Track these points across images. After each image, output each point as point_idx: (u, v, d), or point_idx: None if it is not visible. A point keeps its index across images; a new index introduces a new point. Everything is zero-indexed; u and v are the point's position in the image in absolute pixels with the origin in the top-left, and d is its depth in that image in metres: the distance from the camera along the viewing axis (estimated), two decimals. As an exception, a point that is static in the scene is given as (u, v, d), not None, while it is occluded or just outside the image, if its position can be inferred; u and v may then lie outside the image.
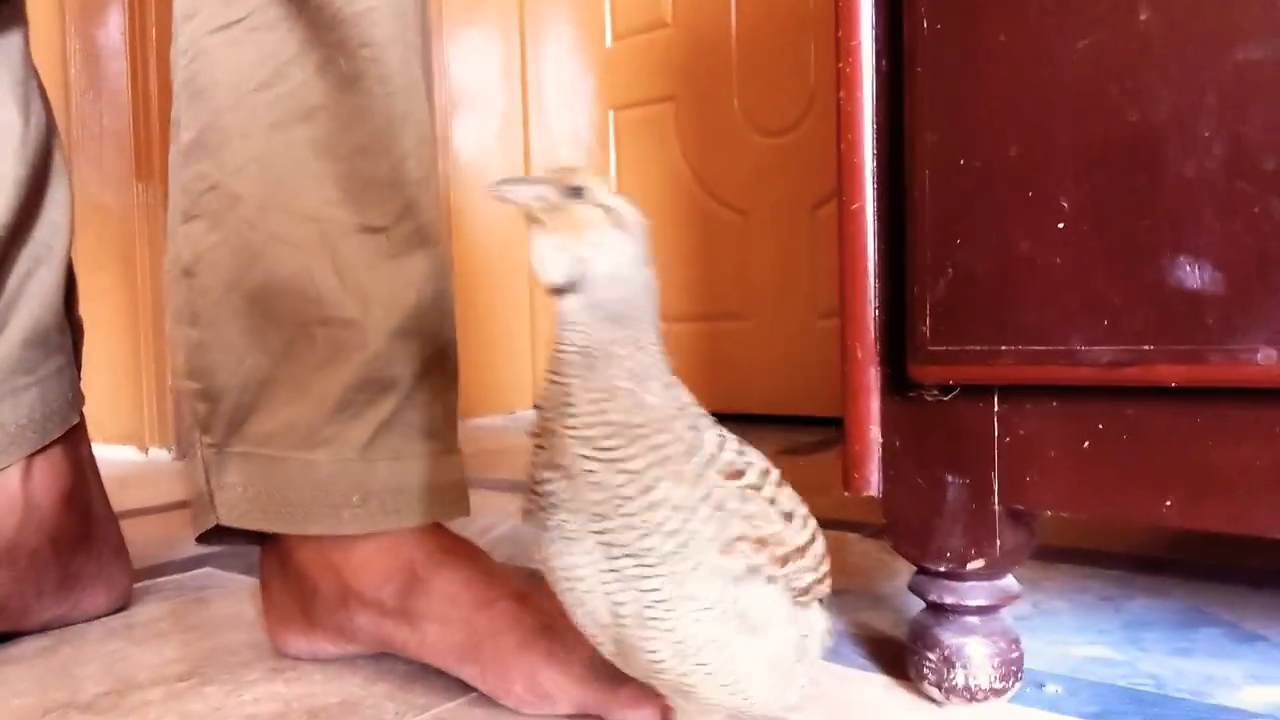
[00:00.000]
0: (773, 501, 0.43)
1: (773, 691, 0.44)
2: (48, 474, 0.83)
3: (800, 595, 0.44)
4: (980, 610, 0.58)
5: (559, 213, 0.41)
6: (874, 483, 0.59)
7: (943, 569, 0.57)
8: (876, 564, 0.94)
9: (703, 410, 0.43)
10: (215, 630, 0.81)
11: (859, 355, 0.59)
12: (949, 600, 0.58)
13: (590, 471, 0.40)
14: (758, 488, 0.42)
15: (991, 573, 0.57)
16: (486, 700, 0.62)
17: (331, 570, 0.67)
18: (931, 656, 0.58)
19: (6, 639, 0.81)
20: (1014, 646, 0.58)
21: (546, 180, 0.41)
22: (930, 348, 0.54)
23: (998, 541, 0.55)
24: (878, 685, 0.64)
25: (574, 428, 0.40)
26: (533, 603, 0.64)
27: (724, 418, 0.69)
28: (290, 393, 0.67)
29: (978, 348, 0.52)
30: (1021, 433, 0.53)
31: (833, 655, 0.70)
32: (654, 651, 0.41)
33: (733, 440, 0.43)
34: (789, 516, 0.43)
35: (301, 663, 0.71)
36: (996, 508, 0.55)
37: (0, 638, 0.80)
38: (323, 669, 0.70)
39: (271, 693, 0.66)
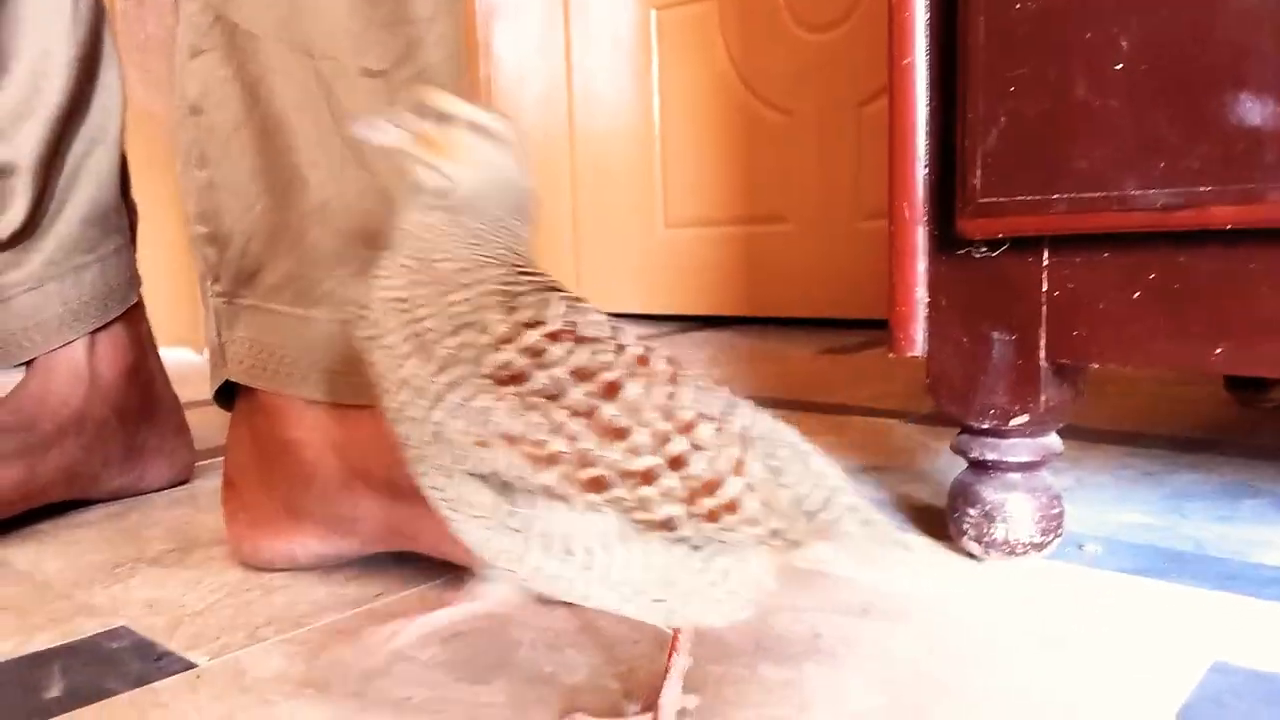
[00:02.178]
0: (591, 414, 0.36)
1: (632, 610, 0.40)
2: (111, 349, 0.86)
3: (658, 527, 0.37)
4: (1022, 467, 0.58)
5: (429, 139, 0.41)
6: (919, 342, 0.59)
7: (986, 426, 0.58)
8: (917, 445, 0.94)
9: (521, 294, 0.39)
10: (274, 499, 0.84)
11: (906, 215, 0.58)
12: (991, 457, 0.58)
13: (368, 351, 0.40)
14: (554, 395, 0.37)
15: (1035, 429, 0.57)
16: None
17: (334, 449, 0.62)
18: (972, 513, 0.59)
19: (78, 506, 0.84)
20: (1055, 503, 0.59)
21: (410, 113, 0.41)
22: (980, 200, 0.53)
23: (1042, 397, 0.55)
24: (920, 544, 0.65)
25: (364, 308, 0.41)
26: None
27: (763, 321, 0.69)
28: (291, 240, 0.63)
29: (1029, 197, 0.51)
30: (1071, 285, 0.53)
31: (874, 520, 0.71)
32: (470, 547, 0.40)
33: (542, 337, 0.38)
34: (617, 433, 0.36)
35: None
36: (1042, 363, 0.55)
37: (72, 505, 0.84)
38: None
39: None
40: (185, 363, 1.89)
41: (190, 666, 0.52)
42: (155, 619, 0.59)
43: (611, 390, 0.37)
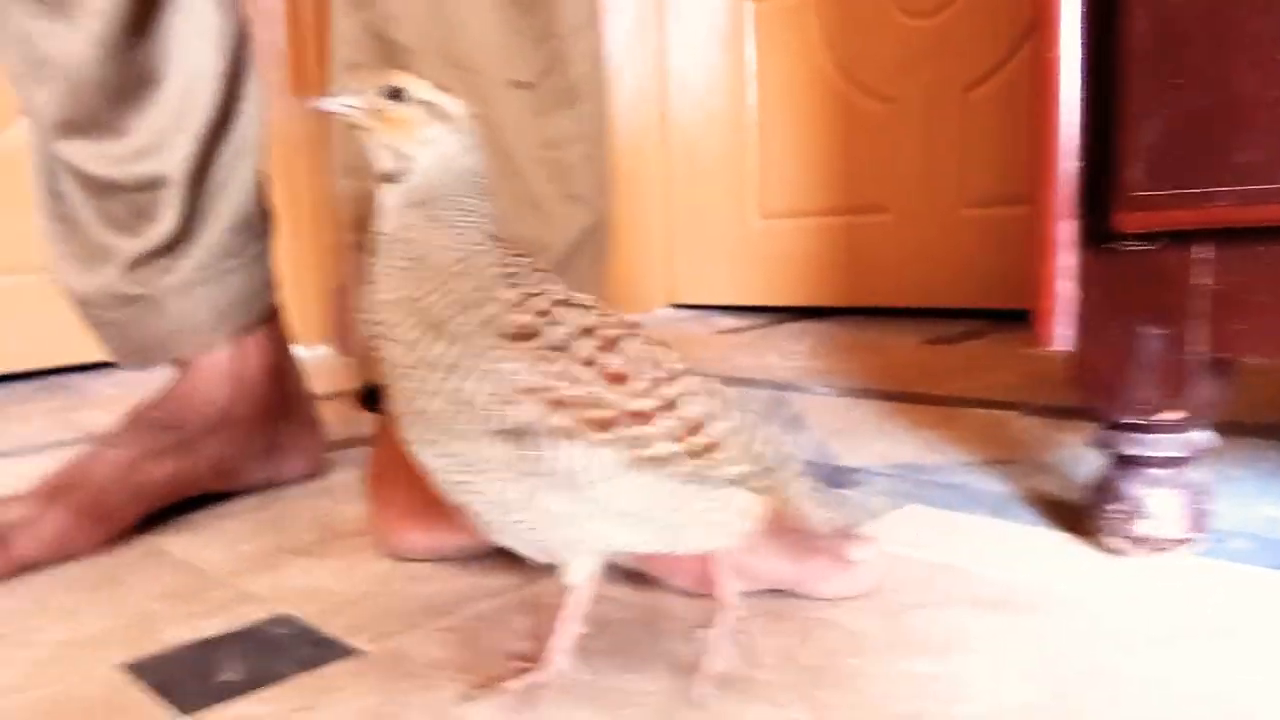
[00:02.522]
0: (592, 363, 0.41)
1: (639, 541, 0.44)
2: (254, 350, 0.90)
3: (655, 463, 0.42)
4: (1168, 463, 0.57)
5: (384, 115, 0.43)
6: (1063, 336, 0.59)
7: (1132, 421, 0.57)
8: (1037, 438, 0.93)
9: (519, 274, 0.43)
10: (406, 491, 0.87)
11: (1052, 209, 0.58)
12: (1137, 452, 0.58)
13: (379, 348, 0.43)
14: (561, 347, 0.41)
15: (1183, 424, 0.56)
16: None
17: None
18: (1115, 508, 0.58)
19: (222, 498, 0.89)
20: (1202, 499, 0.58)
21: (364, 88, 0.44)
22: (1137, 194, 0.52)
23: (1192, 391, 0.54)
24: (1055, 539, 0.65)
25: (367, 311, 0.43)
26: None
27: (861, 312, 0.69)
28: None
29: (1190, 191, 0.50)
30: (1229, 279, 0.52)
31: (1003, 514, 0.71)
32: (479, 513, 0.43)
33: (546, 300, 0.42)
34: (616, 378, 0.42)
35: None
36: (1194, 358, 0.54)
37: (216, 497, 0.88)
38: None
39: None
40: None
41: (354, 652, 0.54)
42: (313, 606, 0.62)
43: (611, 344, 0.42)
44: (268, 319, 0.92)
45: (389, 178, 0.44)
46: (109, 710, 0.49)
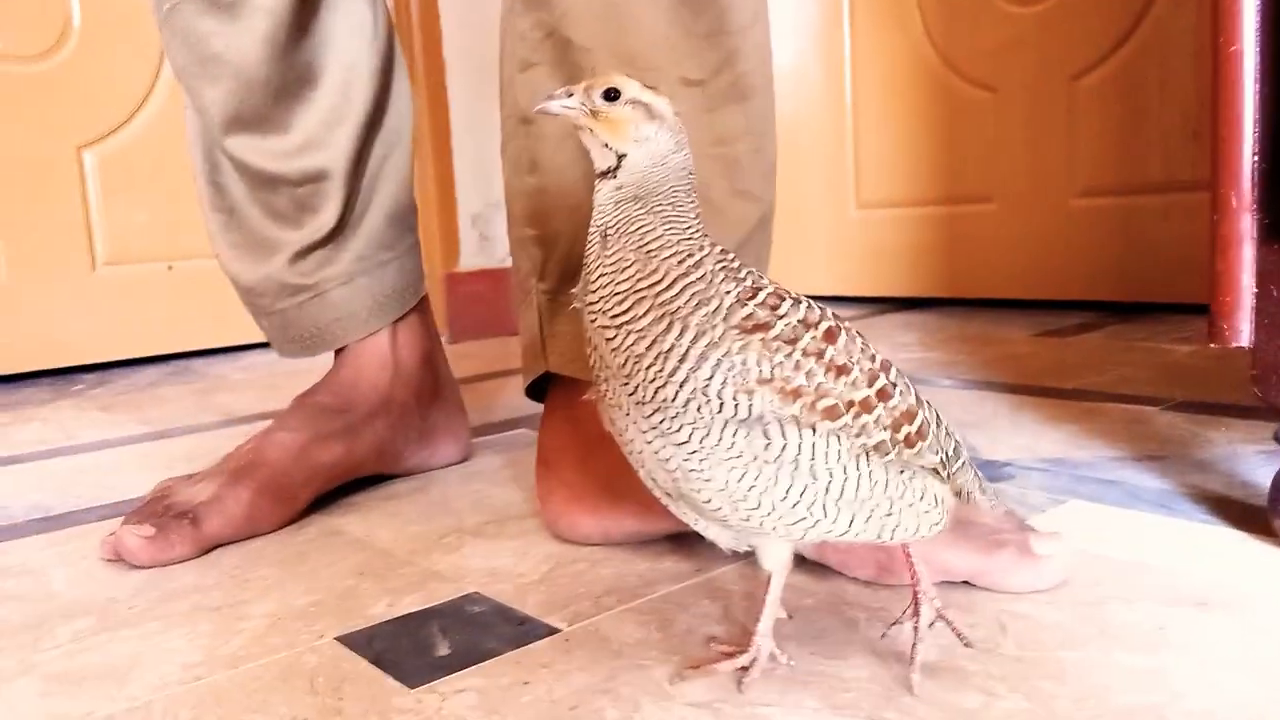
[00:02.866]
0: (820, 355, 0.43)
1: (858, 529, 0.46)
2: (409, 338, 0.93)
3: (875, 451, 0.45)
4: (1361, 461, 0.57)
5: (600, 115, 0.47)
6: (1245, 332, 0.59)
7: (1322, 419, 0.57)
8: (1186, 434, 0.92)
9: (738, 268, 0.45)
10: (557, 478, 0.90)
11: (1233, 204, 0.58)
12: (1327, 451, 0.57)
13: (609, 339, 0.45)
14: (792, 340, 0.43)
15: (1379, 423, 0.56)
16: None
17: None
18: (1303, 507, 0.58)
19: (382, 481, 0.93)
20: (1397, 499, 0.57)
21: (580, 90, 0.47)
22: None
23: (1392, 390, 0.54)
24: (1232, 537, 0.65)
25: (592, 302, 0.46)
26: None
27: (964, 303, 0.70)
28: None
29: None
30: None
31: (1171, 510, 0.71)
32: (708, 500, 0.45)
33: (770, 295, 0.45)
34: (841, 370, 0.44)
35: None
36: (1393, 356, 0.54)
37: (377, 480, 0.92)
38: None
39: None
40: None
41: (554, 631, 0.57)
42: (500, 585, 0.64)
43: (831, 336, 0.45)
44: (419, 307, 0.95)
45: (605, 174, 0.47)
46: (334, 680, 0.53)
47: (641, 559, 0.68)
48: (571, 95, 0.47)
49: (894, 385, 0.46)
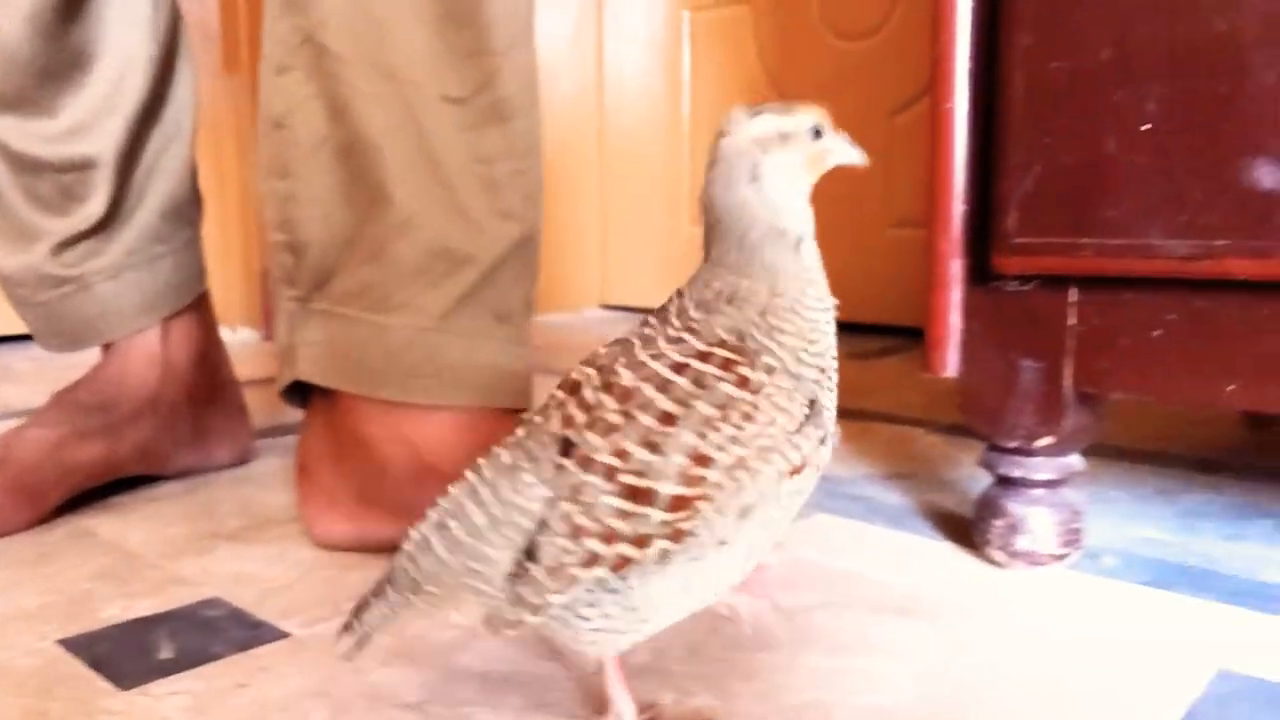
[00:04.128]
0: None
1: None
2: (183, 336, 0.91)
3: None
4: (1046, 484, 0.63)
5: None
6: (952, 364, 0.64)
7: (1013, 445, 0.63)
8: (940, 455, 0.99)
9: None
10: (334, 482, 0.89)
11: (943, 249, 0.63)
12: (1017, 474, 0.63)
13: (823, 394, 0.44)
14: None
15: (1058, 450, 0.62)
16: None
17: (405, 445, 0.67)
18: (998, 524, 0.64)
19: (148, 483, 0.90)
20: (1075, 518, 0.64)
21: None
22: (1014, 240, 0.58)
23: (1066, 421, 0.60)
24: (944, 551, 0.71)
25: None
26: None
27: None
28: (369, 253, 0.67)
29: (1060, 240, 0.56)
30: (1096, 322, 0.58)
31: (901, 525, 0.76)
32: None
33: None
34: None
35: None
36: (1067, 391, 0.60)
37: (143, 481, 0.90)
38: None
39: (396, 533, 0.75)
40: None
41: (285, 635, 0.57)
42: (244, 590, 0.64)
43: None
44: (196, 305, 0.93)
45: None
46: (46, 682, 0.51)
47: (396, 565, 0.68)
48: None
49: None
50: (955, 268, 0.63)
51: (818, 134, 0.44)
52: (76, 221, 0.84)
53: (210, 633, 0.58)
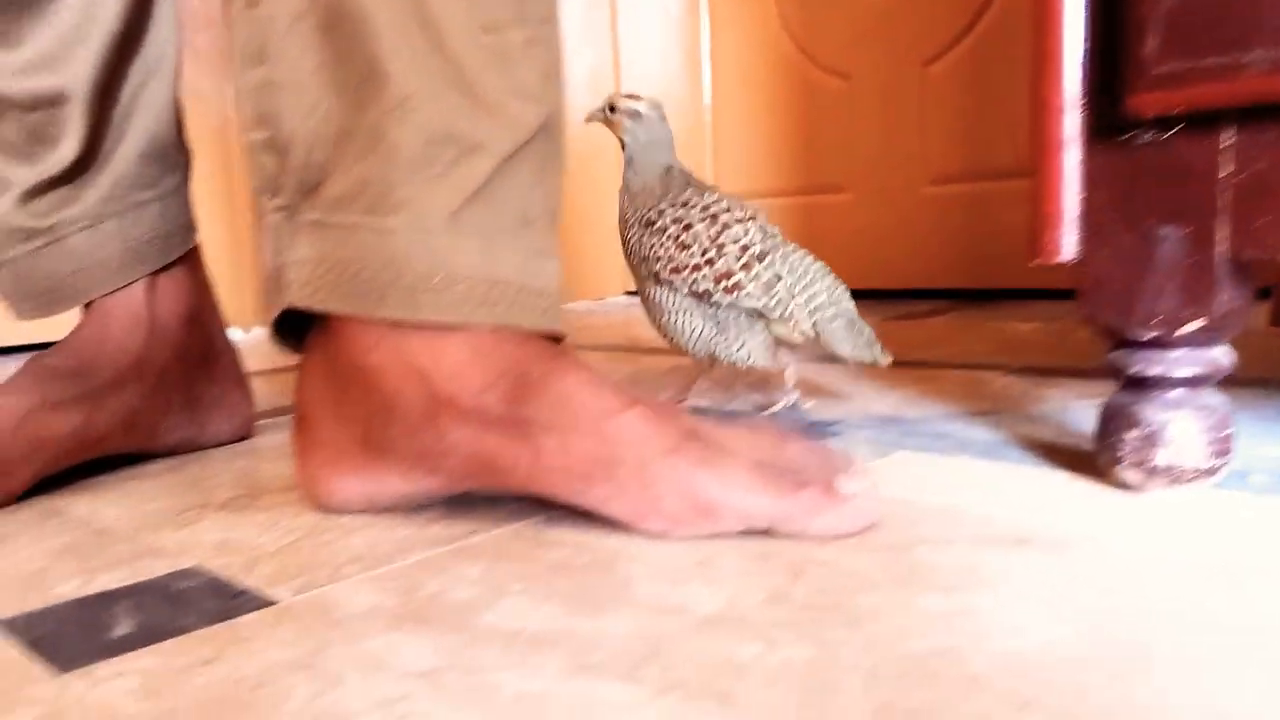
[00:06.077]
0: (675, 239, 0.79)
1: (704, 351, 0.80)
2: (171, 292, 0.81)
3: (701, 296, 0.78)
4: (1189, 382, 0.52)
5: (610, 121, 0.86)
6: (1069, 245, 0.53)
7: (1149, 336, 0.51)
8: (1021, 393, 0.88)
9: (691, 199, 0.81)
10: (341, 450, 0.79)
11: (1054, 101, 0.52)
12: (1155, 372, 0.52)
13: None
14: (662, 230, 0.80)
15: (1205, 339, 0.51)
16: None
17: (418, 376, 0.55)
18: (1130, 437, 0.53)
19: (136, 460, 0.80)
20: (1225, 423, 0.52)
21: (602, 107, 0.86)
22: (1155, 70, 0.46)
23: (1218, 298, 0.49)
24: (1058, 478, 0.59)
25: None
26: (669, 409, 0.55)
27: None
28: (364, 144, 0.54)
29: (1216, 61, 0.45)
30: (1261, 165, 0.46)
31: (997, 457, 0.65)
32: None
33: (679, 204, 0.81)
34: (683, 246, 0.78)
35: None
36: (1219, 259, 0.48)
37: (130, 459, 0.80)
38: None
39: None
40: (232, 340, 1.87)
41: (271, 603, 0.47)
42: (228, 559, 0.54)
43: (688, 228, 0.79)
44: (186, 260, 0.83)
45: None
46: (-29, 671, 0.41)
47: (406, 525, 0.58)
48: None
49: (722, 258, 0.77)
50: (1071, 124, 0.51)
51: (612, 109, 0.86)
52: (47, 167, 0.74)
53: (180, 605, 0.47)
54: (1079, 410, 0.78)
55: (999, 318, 1.51)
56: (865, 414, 0.82)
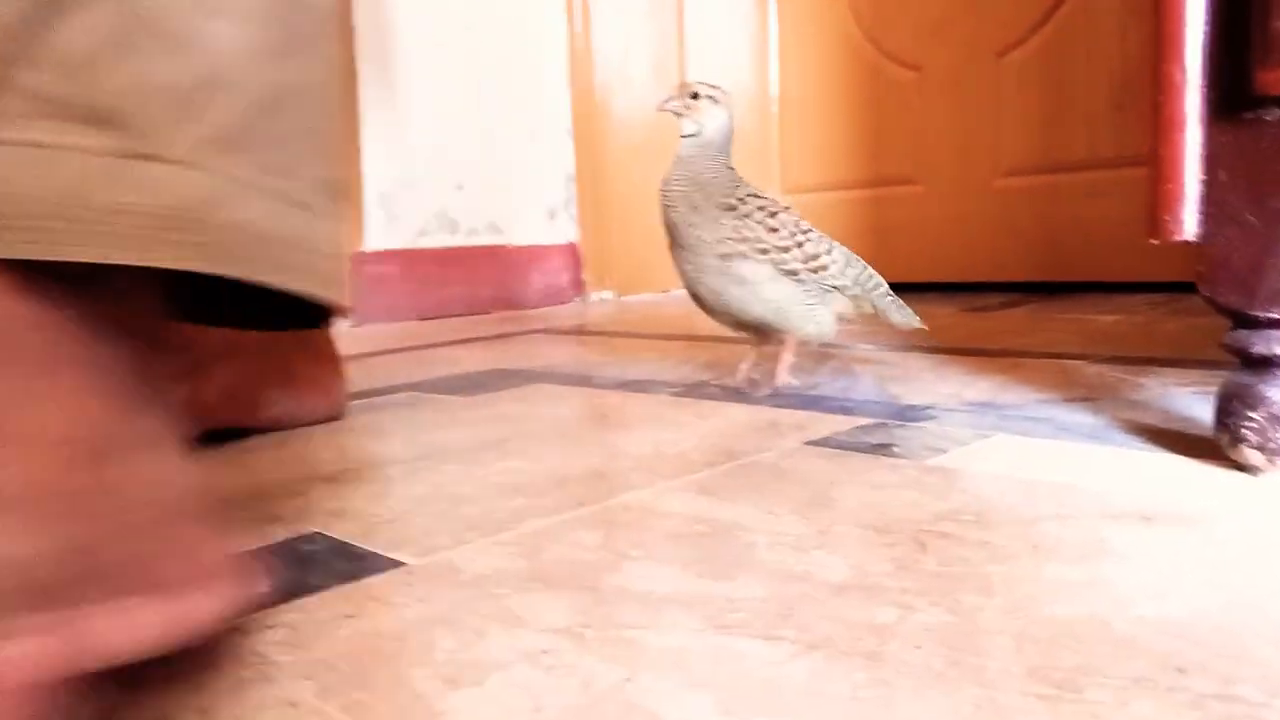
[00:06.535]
0: (761, 224, 0.86)
1: (779, 321, 0.87)
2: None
3: (790, 273, 0.85)
4: (1316, 362, 0.51)
5: (689, 107, 0.90)
6: (1190, 224, 0.52)
7: (1273, 316, 0.50)
8: (1115, 380, 0.86)
9: (758, 193, 0.89)
10: (434, 428, 0.80)
11: (1177, 77, 0.51)
12: (1278, 351, 0.51)
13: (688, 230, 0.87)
14: (746, 215, 0.86)
15: (1335, 318, 0.50)
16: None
17: None
18: (1254, 417, 0.52)
19: (239, 436, 0.82)
20: (1354, 405, 0.51)
21: (679, 94, 0.90)
22: (1288, 42, 0.46)
23: (1351, 276, 0.48)
24: (1171, 460, 0.59)
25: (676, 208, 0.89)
26: None
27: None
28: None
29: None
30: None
31: (1103, 440, 0.64)
32: (701, 295, 0.89)
33: (751, 195, 0.88)
34: (772, 230, 0.85)
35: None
36: (1353, 236, 0.47)
37: (234, 434, 0.82)
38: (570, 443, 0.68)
39: (513, 468, 0.65)
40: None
41: (399, 565, 0.48)
42: (347, 525, 0.55)
43: (773, 216, 0.87)
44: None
45: (689, 135, 0.90)
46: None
47: (524, 495, 0.59)
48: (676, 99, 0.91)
49: (807, 243, 0.86)
50: (1194, 101, 0.51)
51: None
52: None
53: (309, 566, 0.49)
54: (1180, 397, 0.77)
55: (1076, 310, 1.49)
56: (959, 399, 0.81)
